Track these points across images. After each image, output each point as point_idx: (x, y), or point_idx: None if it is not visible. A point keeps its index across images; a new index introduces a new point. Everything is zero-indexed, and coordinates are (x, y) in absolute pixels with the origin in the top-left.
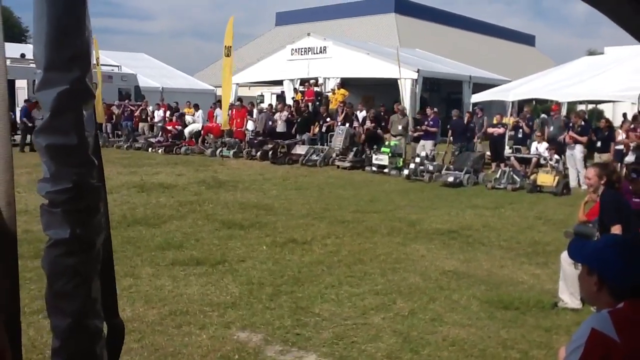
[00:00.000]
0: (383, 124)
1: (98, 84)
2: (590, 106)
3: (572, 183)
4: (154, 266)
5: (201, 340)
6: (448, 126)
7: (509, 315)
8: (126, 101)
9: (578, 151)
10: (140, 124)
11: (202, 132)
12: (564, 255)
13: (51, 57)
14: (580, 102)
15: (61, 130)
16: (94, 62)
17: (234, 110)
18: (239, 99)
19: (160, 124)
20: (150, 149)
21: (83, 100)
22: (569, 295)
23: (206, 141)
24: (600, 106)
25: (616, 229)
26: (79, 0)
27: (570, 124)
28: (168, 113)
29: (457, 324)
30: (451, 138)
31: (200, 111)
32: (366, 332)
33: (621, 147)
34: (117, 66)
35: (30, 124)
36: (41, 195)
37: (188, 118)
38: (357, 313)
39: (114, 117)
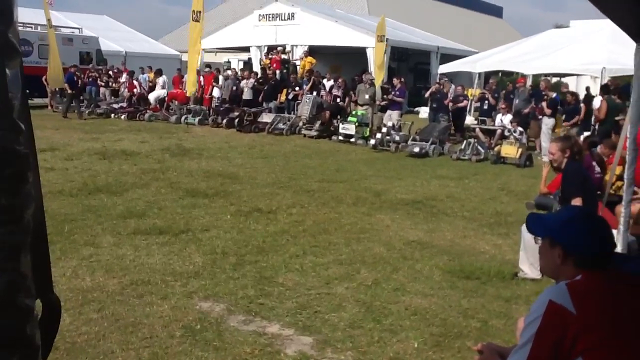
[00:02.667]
0: (351, 92)
1: (51, 46)
2: (555, 79)
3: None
4: (115, 235)
5: (163, 310)
6: (428, 96)
7: (470, 285)
8: (90, 66)
9: (545, 123)
10: (102, 89)
11: (166, 98)
12: (525, 225)
13: None
14: (545, 75)
15: None
16: (42, 22)
17: (203, 76)
18: (208, 65)
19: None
20: (113, 115)
21: (5, 57)
22: (529, 266)
23: (171, 108)
24: (564, 79)
25: (577, 201)
26: None
27: (544, 96)
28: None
29: (419, 293)
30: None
31: (164, 76)
32: (329, 302)
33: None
34: (78, 28)
35: (71, 90)
36: None
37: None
38: (321, 283)
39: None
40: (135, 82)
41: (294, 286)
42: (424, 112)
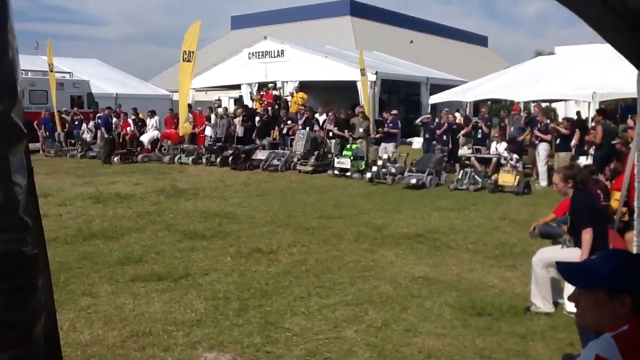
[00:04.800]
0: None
1: (51, 91)
2: (544, 104)
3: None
4: (113, 283)
5: None
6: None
7: (482, 323)
8: (75, 109)
9: (542, 149)
10: (99, 132)
11: (159, 138)
12: (535, 258)
13: None
14: (534, 101)
15: None
16: (47, 68)
17: (193, 114)
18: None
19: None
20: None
21: (9, 143)
22: (541, 299)
23: (163, 148)
24: (553, 104)
25: (588, 232)
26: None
27: (538, 122)
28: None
29: (431, 333)
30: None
31: (156, 117)
32: (339, 347)
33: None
34: (69, 73)
35: (108, 135)
36: None
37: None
38: (329, 326)
39: (66, 125)
40: (130, 121)
41: (301, 331)
42: (417, 142)
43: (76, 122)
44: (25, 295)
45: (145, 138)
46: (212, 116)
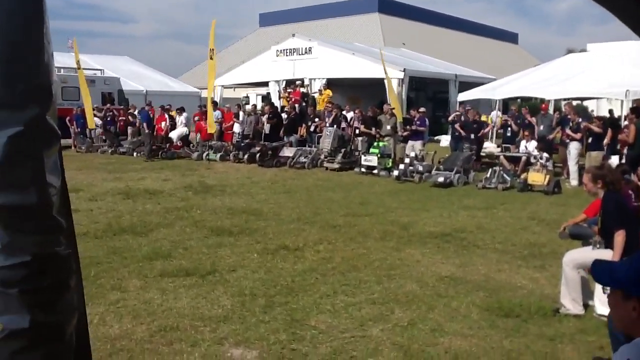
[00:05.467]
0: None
1: (81, 88)
2: (575, 103)
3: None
4: (142, 278)
5: (193, 358)
6: (456, 125)
7: (510, 324)
8: (108, 105)
9: (574, 148)
10: (130, 129)
11: (193, 132)
12: (566, 259)
13: None
14: (565, 99)
15: (15, 186)
16: (75, 65)
17: (221, 111)
18: (214, 102)
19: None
20: (135, 154)
21: (44, 144)
22: (570, 301)
23: (192, 144)
24: (585, 102)
25: (620, 234)
26: (36, 15)
27: (570, 121)
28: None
29: (458, 334)
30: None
31: (185, 114)
32: (365, 346)
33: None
34: (100, 70)
35: (149, 130)
36: None
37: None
38: (355, 325)
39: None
40: (166, 116)
41: (327, 329)
42: (445, 140)
43: (108, 119)
44: (59, 295)
45: (174, 134)
46: (240, 113)
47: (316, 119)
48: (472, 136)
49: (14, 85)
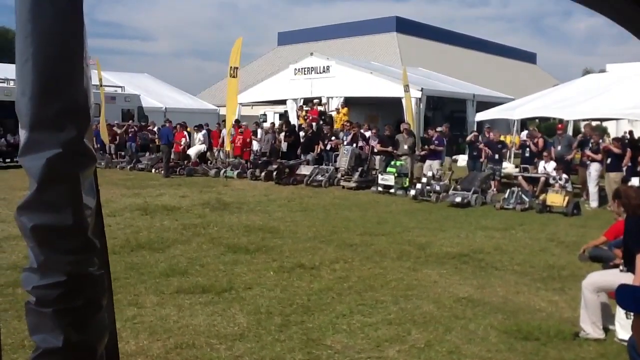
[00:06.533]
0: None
1: (101, 104)
2: (594, 123)
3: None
4: (159, 294)
5: None
6: (480, 145)
7: (529, 347)
8: (130, 121)
9: (594, 169)
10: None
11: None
12: (586, 282)
13: (38, 113)
14: (584, 120)
15: (52, 207)
16: (97, 82)
17: (241, 128)
18: (236, 120)
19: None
20: (153, 170)
21: (81, 166)
22: (591, 325)
23: (210, 162)
24: (604, 123)
25: None
26: (75, 38)
27: (590, 142)
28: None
29: (476, 357)
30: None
31: (203, 131)
32: None
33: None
34: (121, 87)
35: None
36: (26, 290)
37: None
38: (371, 345)
39: (117, 137)
40: (185, 133)
41: (343, 349)
42: (462, 160)
43: (130, 135)
44: (91, 315)
45: (192, 151)
46: (259, 131)
47: (332, 138)
48: (497, 156)
49: (52, 106)
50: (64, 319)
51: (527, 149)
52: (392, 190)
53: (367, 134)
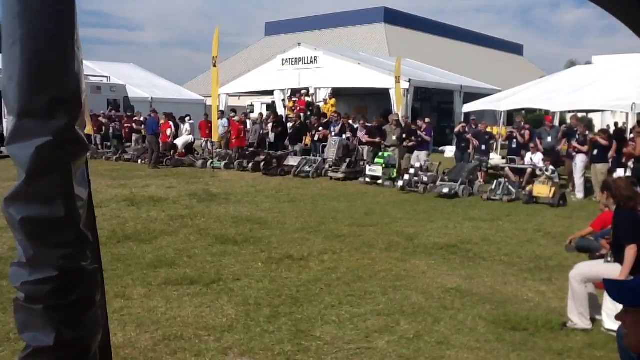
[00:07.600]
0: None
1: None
2: (580, 115)
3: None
4: (146, 286)
5: None
6: (468, 136)
7: (517, 337)
8: (112, 110)
9: (580, 160)
10: (134, 135)
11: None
12: (573, 273)
13: (27, 99)
14: (570, 112)
15: (42, 198)
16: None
17: (229, 119)
18: (233, 109)
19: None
20: (140, 161)
21: (72, 155)
22: (578, 315)
23: (196, 152)
24: (590, 115)
25: (631, 248)
26: (66, 21)
27: (577, 133)
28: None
29: (464, 347)
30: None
31: (190, 122)
32: (370, 358)
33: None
34: (106, 77)
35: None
36: (15, 286)
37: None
38: (360, 336)
39: (102, 128)
40: (171, 123)
41: (332, 340)
42: (449, 151)
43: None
44: (84, 311)
45: (179, 142)
46: (248, 122)
47: (320, 128)
48: (484, 147)
49: (42, 94)
50: (55, 316)
51: (514, 140)
52: (380, 181)
53: (356, 125)
